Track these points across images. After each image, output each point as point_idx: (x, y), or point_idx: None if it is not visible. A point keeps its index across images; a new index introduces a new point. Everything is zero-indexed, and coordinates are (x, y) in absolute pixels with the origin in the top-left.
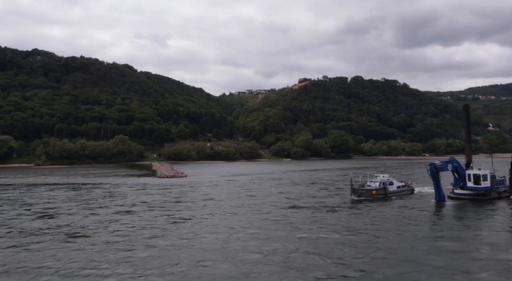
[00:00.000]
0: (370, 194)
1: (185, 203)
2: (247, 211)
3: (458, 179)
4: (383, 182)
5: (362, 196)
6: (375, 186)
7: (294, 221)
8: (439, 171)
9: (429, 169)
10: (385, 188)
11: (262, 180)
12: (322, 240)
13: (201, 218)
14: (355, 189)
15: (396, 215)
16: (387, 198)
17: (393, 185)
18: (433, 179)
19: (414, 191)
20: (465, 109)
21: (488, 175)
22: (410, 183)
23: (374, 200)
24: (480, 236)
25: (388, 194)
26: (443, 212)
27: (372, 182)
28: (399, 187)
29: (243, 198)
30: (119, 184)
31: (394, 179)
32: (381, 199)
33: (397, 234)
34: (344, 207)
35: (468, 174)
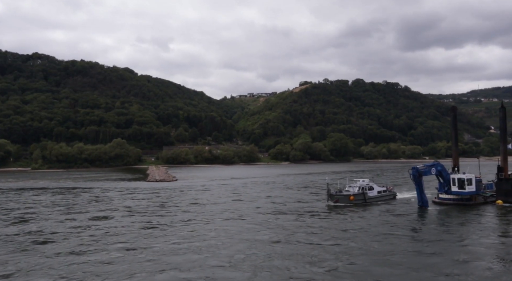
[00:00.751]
0: (348, 200)
1: (168, 208)
2: (228, 217)
3: (443, 183)
4: (362, 187)
5: (340, 201)
6: (354, 191)
7: (270, 227)
8: (422, 176)
9: (412, 174)
10: (363, 193)
11: (255, 184)
12: (289, 249)
13: (179, 224)
14: (332, 195)
15: (370, 222)
16: (366, 204)
17: (373, 190)
18: (416, 183)
19: (397, 196)
20: (452, 111)
21: (473, 179)
22: (392, 187)
23: (352, 206)
24: (457, 247)
25: (367, 199)
26: (423, 219)
27: (351, 187)
28: (380, 192)
29: (229, 203)
30: (108, 189)
31: (375, 183)
32: (359, 205)
33: (366, 243)
34: (320, 213)
35: (452, 178)
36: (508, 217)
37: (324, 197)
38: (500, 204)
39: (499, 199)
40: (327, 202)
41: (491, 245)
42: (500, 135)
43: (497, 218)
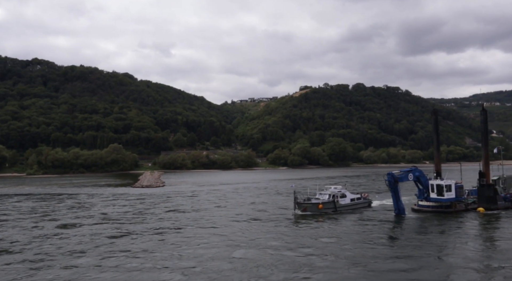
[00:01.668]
0: (316, 208)
1: (145, 215)
2: (201, 225)
3: (422, 190)
4: (333, 194)
5: (308, 210)
6: (324, 199)
7: (238, 237)
8: (398, 182)
9: (387, 180)
10: (334, 201)
11: (247, 189)
12: (248, 260)
13: (147, 233)
14: (299, 203)
15: (336, 232)
16: (337, 212)
17: (345, 198)
18: (392, 190)
19: (372, 204)
20: (434, 114)
21: (453, 185)
22: (367, 195)
23: (321, 215)
24: (432, 260)
25: (338, 208)
26: (395, 228)
27: (321, 194)
28: (353, 200)
29: (210, 210)
30: (94, 195)
31: (347, 191)
32: (330, 213)
33: (327, 254)
34: (297, 222)
35: (431, 185)
36: (488, 225)
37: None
38: (481, 211)
39: (481, 206)
40: (294, 211)
41: (468, 256)
42: (481, 139)
43: (476, 227)
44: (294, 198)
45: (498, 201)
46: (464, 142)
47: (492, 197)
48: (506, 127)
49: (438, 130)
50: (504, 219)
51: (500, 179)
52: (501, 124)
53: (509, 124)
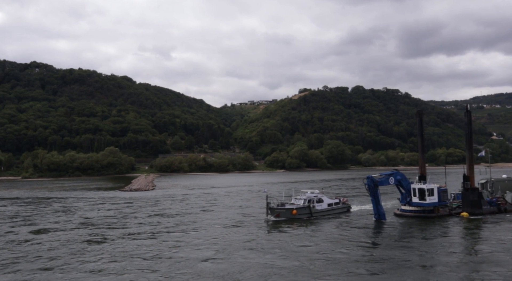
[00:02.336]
0: (290, 214)
1: (126, 219)
2: (182, 229)
3: (404, 194)
4: (309, 199)
5: (281, 216)
6: (299, 204)
7: (214, 243)
8: (378, 186)
9: (366, 184)
10: (310, 206)
11: (240, 192)
12: (216, 268)
13: (124, 239)
14: (272, 209)
15: (310, 238)
16: (313, 218)
17: (322, 203)
18: (371, 194)
19: (351, 209)
20: (418, 116)
21: (435, 189)
22: (347, 199)
23: (296, 220)
24: (406, 270)
25: (314, 213)
26: (374, 234)
27: (297, 199)
28: (331, 205)
29: (195, 214)
30: (82, 198)
31: (325, 195)
32: (305, 219)
33: (294, 263)
34: (281, 226)
35: (413, 189)
36: (469, 231)
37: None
38: (465, 216)
39: (465, 210)
40: (267, 216)
41: (447, 264)
42: (466, 141)
43: (457, 233)
44: (267, 203)
45: (483, 206)
46: (464, 144)
47: (477, 202)
48: (507, 129)
49: (422, 132)
50: (487, 225)
51: (488, 183)
52: (501, 126)
53: (509, 127)
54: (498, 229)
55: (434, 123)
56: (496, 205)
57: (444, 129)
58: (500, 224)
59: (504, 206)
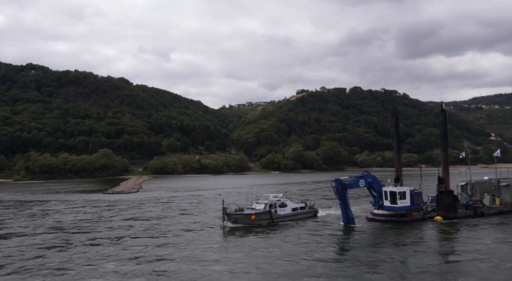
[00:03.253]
0: (249, 220)
1: (99, 223)
2: (151, 234)
3: (377, 197)
4: (270, 204)
5: (238, 222)
6: (259, 209)
7: (174, 249)
8: (347, 189)
9: (334, 187)
10: (270, 211)
11: (227, 194)
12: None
13: (88, 243)
14: (229, 214)
15: (267, 245)
16: (274, 224)
17: (285, 208)
18: (340, 198)
19: (319, 214)
20: (394, 116)
21: (407, 192)
22: (313, 204)
23: (255, 227)
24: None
25: (276, 218)
26: (341, 240)
27: (258, 203)
28: (296, 209)
29: (173, 218)
30: (64, 201)
31: (289, 200)
32: (265, 225)
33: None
34: (247, 232)
35: (384, 192)
36: (441, 236)
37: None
38: (439, 220)
39: (439, 214)
40: (223, 222)
41: (412, 272)
42: (441, 142)
43: (428, 239)
44: (223, 208)
45: (458, 209)
46: (462, 145)
47: (452, 205)
48: (505, 130)
49: (398, 133)
50: (460, 230)
51: (468, 185)
52: (500, 127)
53: (508, 127)
54: (471, 234)
55: (432, 123)
56: (473, 208)
57: None
58: (474, 229)
59: (481, 209)
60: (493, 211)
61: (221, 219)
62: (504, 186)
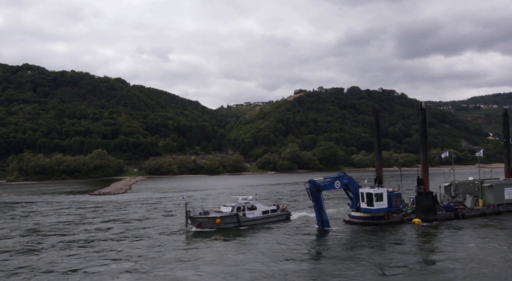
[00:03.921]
0: (214, 224)
1: (79, 226)
2: (125, 238)
3: (354, 199)
4: (238, 207)
5: (203, 226)
6: (226, 212)
7: (142, 254)
8: (321, 190)
9: (308, 188)
10: (237, 214)
11: (218, 195)
12: None
13: (60, 247)
14: (193, 218)
15: (232, 250)
16: (242, 228)
17: (255, 211)
18: (314, 200)
19: (291, 217)
20: (375, 114)
21: (385, 194)
22: (286, 206)
23: (220, 231)
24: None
25: (244, 222)
26: (312, 243)
27: (225, 206)
28: (267, 212)
29: (154, 220)
30: (50, 202)
31: (259, 202)
32: (232, 229)
33: None
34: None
35: (360, 193)
36: (418, 239)
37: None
38: (417, 223)
39: (418, 216)
40: (186, 227)
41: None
42: (420, 141)
43: (403, 242)
44: (186, 211)
45: (438, 211)
46: (460, 145)
47: (431, 207)
48: None
49: (379, 132)
50: (439, 233)
51: (452, 186)
52: (498, 126)
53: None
54: (447, 238)
55: (430, 123)
56: (454, 210)
57: (440, 130)
58: (452, 232)
59: (462, 211)
60: (475, 213)
61: (184, 223)
62: (487, 187)
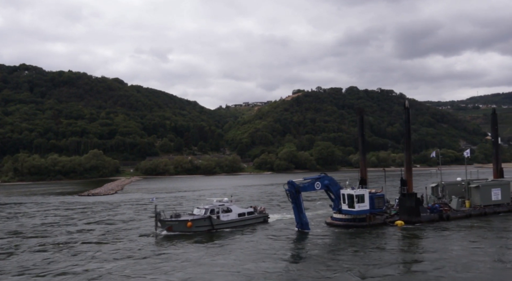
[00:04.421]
0: (185, 227)
1: (62, 227)
2: (105, 241)
3: (336, 200)
4: (211, 209)
5: (174, 229)
6: (199, 215)
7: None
8: (301, 192)
9: (287, 190)
10: (210, 217)
11: (211, 196)
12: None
13: (37, 249)
14: (163, 221)
15: (204, 256)
16: (215, 231)
17: (230, 213)
18: (293, 201)
19: (269, 219)
20: (359, 113)
21: (366, 195)
22: (264, 208)
23: (193, 235)
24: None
25: (218, 225)
26: (284, 249)
27: (198, 209)
28: (243, 215)
29: (140, 221)
30: (39, 203)
31: (235, 204)
32: (205, 232)
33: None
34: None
35: (342, 195)
36: (401, 242)
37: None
38: (400, 225)
39: (401, 218)
40: (155, 230)
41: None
42: (404, 141)
43: (381, 246)
44: (156, 214)
45: (422, 213)
46: (458, 145)
47: (414, 209)
48: (502, 129)
49: (363, 131)
50: (422, 236)
51: (439, 186)
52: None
53: (504, 127)
54: (428, 241)
55: (428, 123)
56: (438, 212)
57: (438, 130)
58: (434, 235)
59: (447, 213)
60: (460, 214)
61: (154, 226)
62: (474, 188)
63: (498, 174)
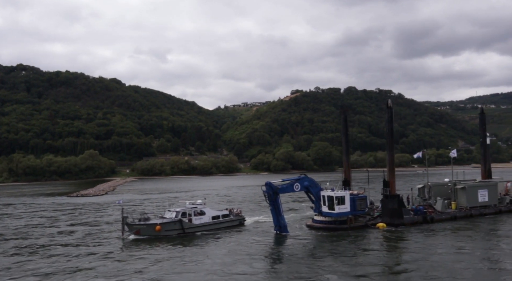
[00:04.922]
0: (153, 231)
1: (44, 229)
2: (83, 244)
3: (316, 202)
4: (183, 212)
5: (142, 233)
6: (169, 218)
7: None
8: (279, 193)
9: (265, 191)
10: (181, 220)
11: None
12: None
13: (13, 252)
14: (130, 224)
15: (174, 264)
16: (186, 235)
17: (203, 216)
18: (271, 204)
19: (245, 222)
20: (342, 113)
21: (347, 197)
22: (240, 211)
23: (162, 238)
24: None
25: (189, 228)
26: (260, 252)
27: (170, 212)
28: (216, 218)
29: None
30: (27, 204)
31: (208, 207)
32: (174, 236)
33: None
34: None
35: (322, 196)
36: (382, 245)
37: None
38: (381, 227)
39: (383, 221)
40: (122, 234)
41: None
42: (387, 141)
43: (364, 250)
44: (122, 218)
45: (405, 215)
46: (456, 145)
47: (397, 211)
48: (501, 129)
49: (347, 131)
50: (404, 238)
51: (426, 187)
52: (495, 126)
53: (503, 127)
54: (409, 244)
55: (427, 123)
56: (422, 214)
57: (437, 130)
58: (418, 238)
59: (431, 215)
60: (445, 216)
61: (121, 230)
62: (460, 189)
63: (486, 175)
